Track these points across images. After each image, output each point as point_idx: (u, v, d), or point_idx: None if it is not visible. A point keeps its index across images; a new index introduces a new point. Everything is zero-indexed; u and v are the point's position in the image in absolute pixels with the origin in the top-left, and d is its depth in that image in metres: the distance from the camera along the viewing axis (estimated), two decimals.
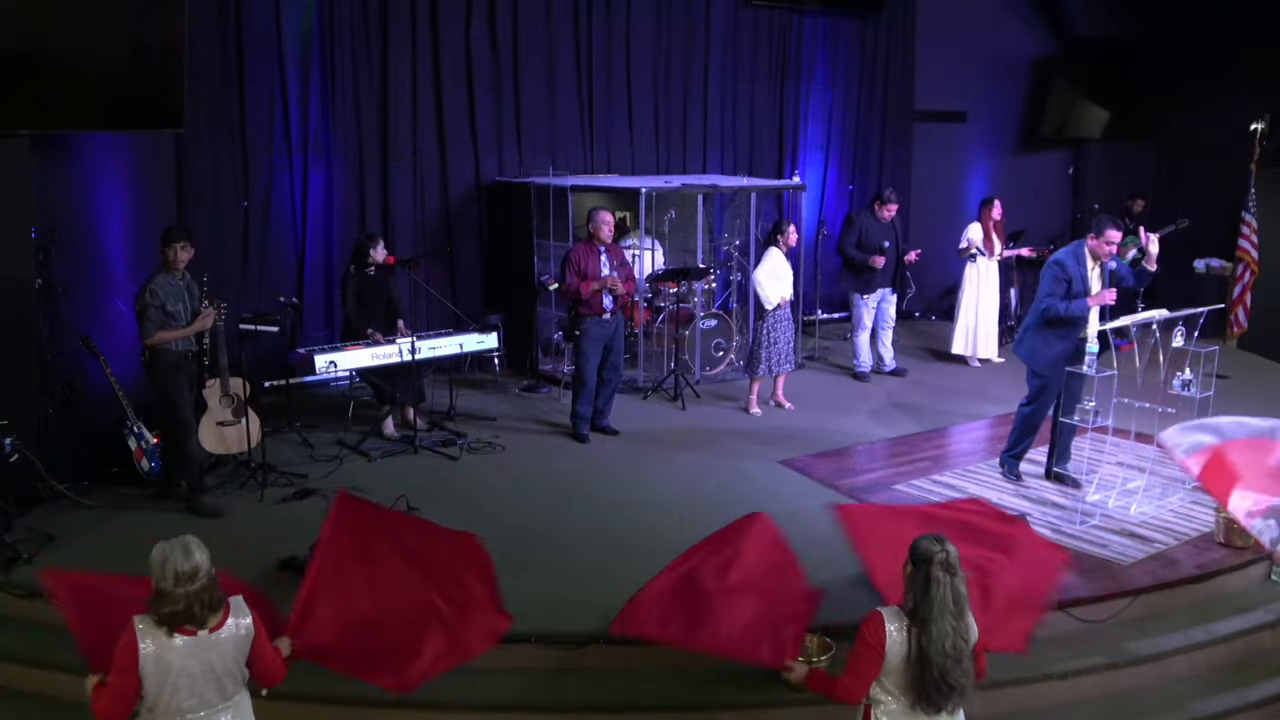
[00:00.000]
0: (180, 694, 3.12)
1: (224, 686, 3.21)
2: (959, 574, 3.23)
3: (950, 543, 3.29)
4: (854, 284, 9.33)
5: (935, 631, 3.18)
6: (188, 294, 6.09)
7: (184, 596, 3.08)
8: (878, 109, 11.90)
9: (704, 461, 7.06)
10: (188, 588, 3.08)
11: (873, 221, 9.23)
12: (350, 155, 8.83)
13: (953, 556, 3.24)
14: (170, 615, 3.09)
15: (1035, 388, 6.48)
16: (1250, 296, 10.45)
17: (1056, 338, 6.28)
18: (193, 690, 3.14)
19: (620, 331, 7.67)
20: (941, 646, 3.18)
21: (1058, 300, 6.16)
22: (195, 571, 3.10)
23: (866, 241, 9.15)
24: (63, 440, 6.36)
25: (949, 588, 3.20)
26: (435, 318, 8.98)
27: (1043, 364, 6.36)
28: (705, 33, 10.55)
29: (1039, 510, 6.19)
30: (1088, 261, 6.22)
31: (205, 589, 3.12)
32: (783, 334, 8.05)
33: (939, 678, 3.19)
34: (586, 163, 9.97)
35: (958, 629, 3.20)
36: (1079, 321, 6.21)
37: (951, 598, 3.20)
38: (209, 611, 3.14)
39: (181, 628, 3.11)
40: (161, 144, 7.53)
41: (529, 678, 4.63)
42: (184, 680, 3.12)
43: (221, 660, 3.18)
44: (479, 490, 6.50)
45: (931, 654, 3.18)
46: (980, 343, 9.81)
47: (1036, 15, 12.03)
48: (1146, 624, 5.14)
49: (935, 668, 3.19)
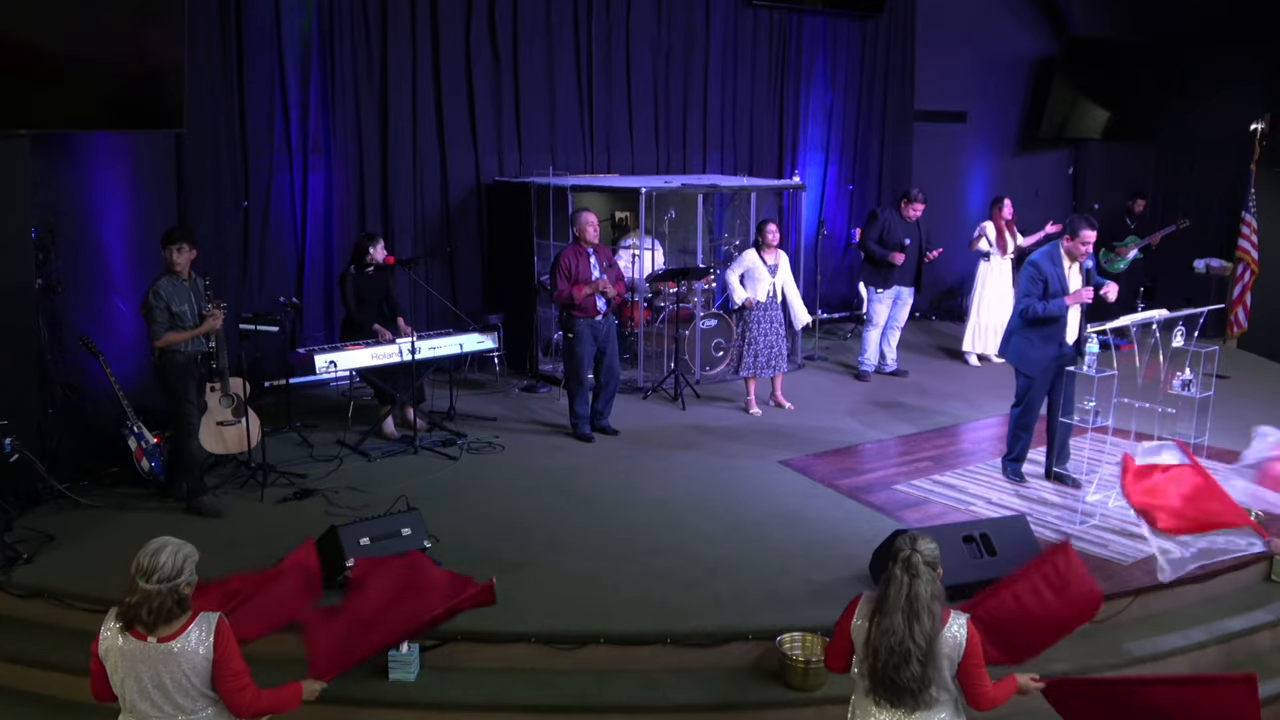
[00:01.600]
0: (133, 695, 3.12)
1: (177, 701, 3.12)
2: (921, 576, 3.24)
3: (926, 543, 3.31)
4: (870, 277, 9.35)
5: (885, 625, 3.25)
6: (194, 295, 6.07)
7: (137, 592, 3.06)
8: (878, 109, 11.91)
9: (704, 461, 7.06)
10: (141, 584, 3.06)
11: (897, 219, 9.26)
12: (350, 155, 8.83)
13: (916, 558, 3.26)
14: (123, 608, 3.09)
15: (1022, 388, 6.52)
16: (1250, 296, 10.44)
17: (1041, 339, 6.31)
18: (143, 695, 3.11)
19: (613, 333, 7.66)
20: (888, 642, 3.23)
21: (1035, 300, 6.22)
22: (152, 571, 3.06)
23: (888, 238, 9.16)
24: (63, 440, 6.37)
25: (904, 587, 3.24)
26: (435, 318, 8.98)
27: (1030, 365, 6.39)
28: (705, 33, 10.55)
29: (1039, 510, 6.19)
30: (1064, 261, 6.26)
31: (157, 595, 3.05)
32: (762, 335, 8.03)
33: (882, 671, 3.25)
34: (586, 163, 9.97)
35: (909, 630, 3.21)
36: (1060, 321, 6.24)
37: (905, 596, 3.23)
38: (157, 620, 3.06)
39: (132, 628, 3.09)
40: (161, 144, 7.53)
41: (529, 678, 4.63)
42: (132, 683, 3.10)
43: (171, 674, 3.09)
44: (479, 490, 6.50)
45: (879, 645, 3.26)
46: (989, 340, 9.79)
47: (1036, 15, 12.04)
48: (1146, 624, 5.14)
49: (880, 659, 3.25)
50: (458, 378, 8.50)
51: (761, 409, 8.22)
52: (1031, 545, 5.14)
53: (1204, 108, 11.53)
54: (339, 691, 4.49)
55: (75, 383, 6.54)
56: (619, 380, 7.87)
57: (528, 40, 9.48)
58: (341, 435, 7.40)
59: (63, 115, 6.12)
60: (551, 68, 9.67)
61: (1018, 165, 12.31)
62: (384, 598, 4.02)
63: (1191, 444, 5.92)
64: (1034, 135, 12.13)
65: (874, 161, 12.01)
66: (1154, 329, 6.24)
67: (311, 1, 8.44)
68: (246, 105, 8.26)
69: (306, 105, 8.56)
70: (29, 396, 6.08)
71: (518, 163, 9.57)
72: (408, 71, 8.96)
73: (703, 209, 9.31)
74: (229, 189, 8.27)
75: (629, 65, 10.11)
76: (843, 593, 5.00)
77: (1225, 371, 8.76)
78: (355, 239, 7.78)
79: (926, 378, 9.46)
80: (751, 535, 5.79)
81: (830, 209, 11.66)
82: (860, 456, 7.31)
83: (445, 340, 7.56)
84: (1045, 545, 5.39)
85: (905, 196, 9.35)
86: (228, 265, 8.29)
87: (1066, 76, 11.73)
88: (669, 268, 9.07)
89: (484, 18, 9.26)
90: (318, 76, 8.58)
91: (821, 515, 6.13)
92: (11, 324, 5.98)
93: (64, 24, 5.86)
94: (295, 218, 8.69)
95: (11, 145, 5.91)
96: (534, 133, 9.65)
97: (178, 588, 3.08)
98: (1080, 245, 6.22)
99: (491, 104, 9.41)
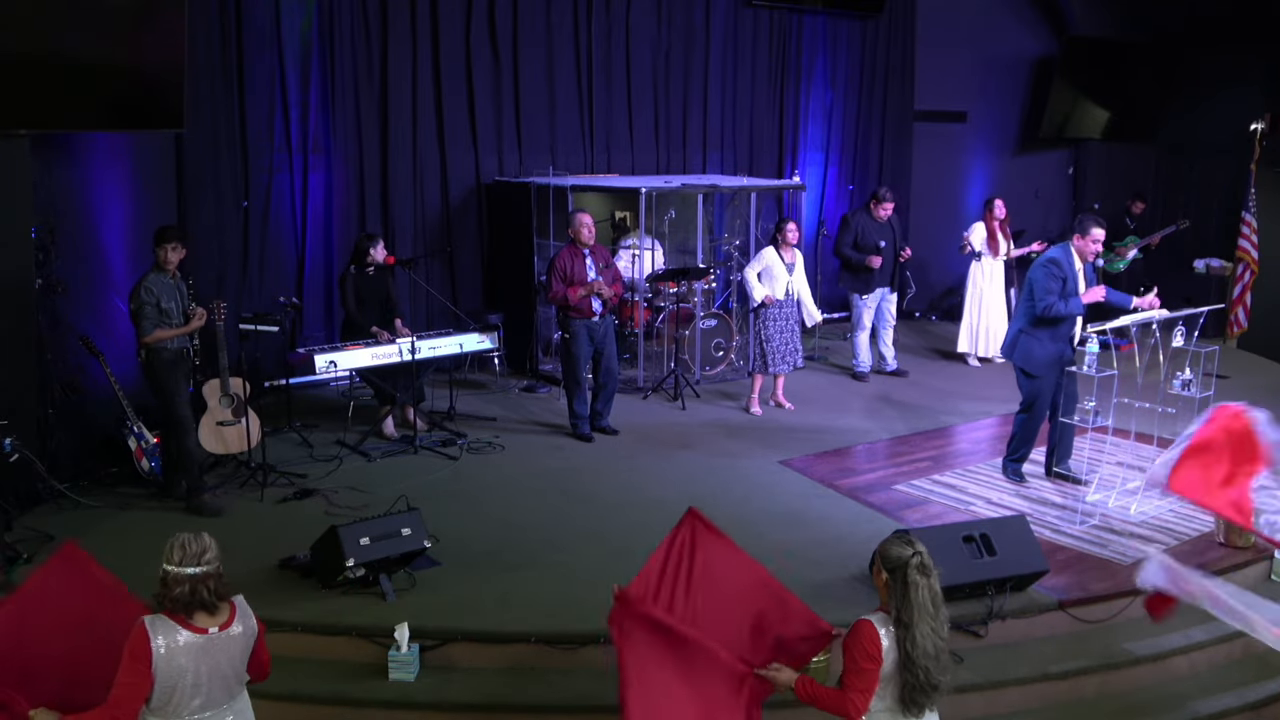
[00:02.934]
0: (187, 695, 3.10)
1: (230, 687, 3.20)
2: (934, 573, 3.23)
3: (919, 542, 3.29)
4: (852, 284, 9.34)
5: (918, 635, 3.18)
6: (179, 293, 6.12)
7: (189, 579, 3.07)
8: (878, 109, 11.90)
9: (704, 461, 7.06)
10: (194, 568, 3.07)
11: (869, 221, 9.23)
12: (350, 155, 8.83)
13: (925, 557, 3.24)
14: (176, 600, 3.07)
15: (1028, 391, 6.46)
16: (1250, 296, 10.45)
17: (1050, 338, 6.29)
18: (198, 690, 3.12)
19: (611, 333, 7.67)
20: (925, 649, 3.18)
21: (1056, 299, 6.17)
22: (202, 552, 3.09)
23: (863, 241, 9.14)
24: (63, 440, 6.36)
25: (926, 589, 3.20)
26: (435, 318, 8.98)
27: (1037, 365, 6.35)
28: (705, 33, 10.55)
29: (1039, 510, 6.19)
30: (1075, 261, 6.26)
31: (212, 575, 3.11)
32: (779, 333, 8.04)
33: (923, 680, 3.19)
34: (586, 163, 9.97)
35: (936, 629, 3.21)
36: (1070, 320, 6.24)
37: (929, 598, 3.20)
38: (218, 598, 3.12)
39: (191, 624, 3.08)
40: (161, 144, 7.53)
41: (529, 677, 4.63)
42: (190, 680, 3.09)
43: (230, 660, 3.17)
44: (479, 490, 6.50)
45: (916, 656, 3.18)
46: (984, 342, 9.82)
47: (1036, 15, 12.04)
48: (1146, 624, 5.12)
49: (919, 669, 3.19)
50: (457, 378, 8.50)
51: (762, 409, 8.23)
52: (1031, 545, 5.14)
53: (1204, 108, 11.53)
54: (340, 691, 4.50)
55: (75, 383, 6.54)
56: (618, 380, 7.87)
57: (528, 40, 9.48)
58: (341, 435, 7.40)
59: (63, 115, 6.12)
60: (551, 68, 9.66)
61: (1018, 165, 12.31)
62: None
63: None
64: (1034, 135, 12.13)
65: (874, 162, 12.00)
66: (1154, 329, 6.24)
67: (311, 1, 8.43)
68: (246, 105, 8.25)
69: (306, 105, 8.55)
70: (29, 396, 6.08)
71: (518, 163, 9.57)
72: (408, 71, 8.96)
73: (703, 209, 9.30)
74: (229, 189, 8.26)
75: (629, 65, 10.10)
76: (843, 593, 5.02)
77: (1225, 371, 8.77)
78: (355, 239, 7.78)
79: (926, 378, 9.46)
80: (751, 535, 5.77)
81: (830, 209, 11.65)
82: (860, 456, 7.31)
83: (445, 340, 7.56)
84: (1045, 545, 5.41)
85: (874, 197, 9.32)
86: (228, 265, 8.28)
87: (1066, 76, 11.73)
88: (669, 268, 9.07)
89: (484, 18, 9.26)
90: (318, 76, 8.57)
91: (821, 515, 6.13)
92: (11, 324, 5.98)
93: (64, 24, 5.85)
94: (295, 218, 8.69)
95: (11, 145, 5.91)
96: (534, 133, 9.64)
97: (220, 565, 3.15)
98: (1091, 244, 6.21)
99: (491, 104, 9.41)
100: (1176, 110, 11.90)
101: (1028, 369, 6.42)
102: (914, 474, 6.85)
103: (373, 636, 4.67)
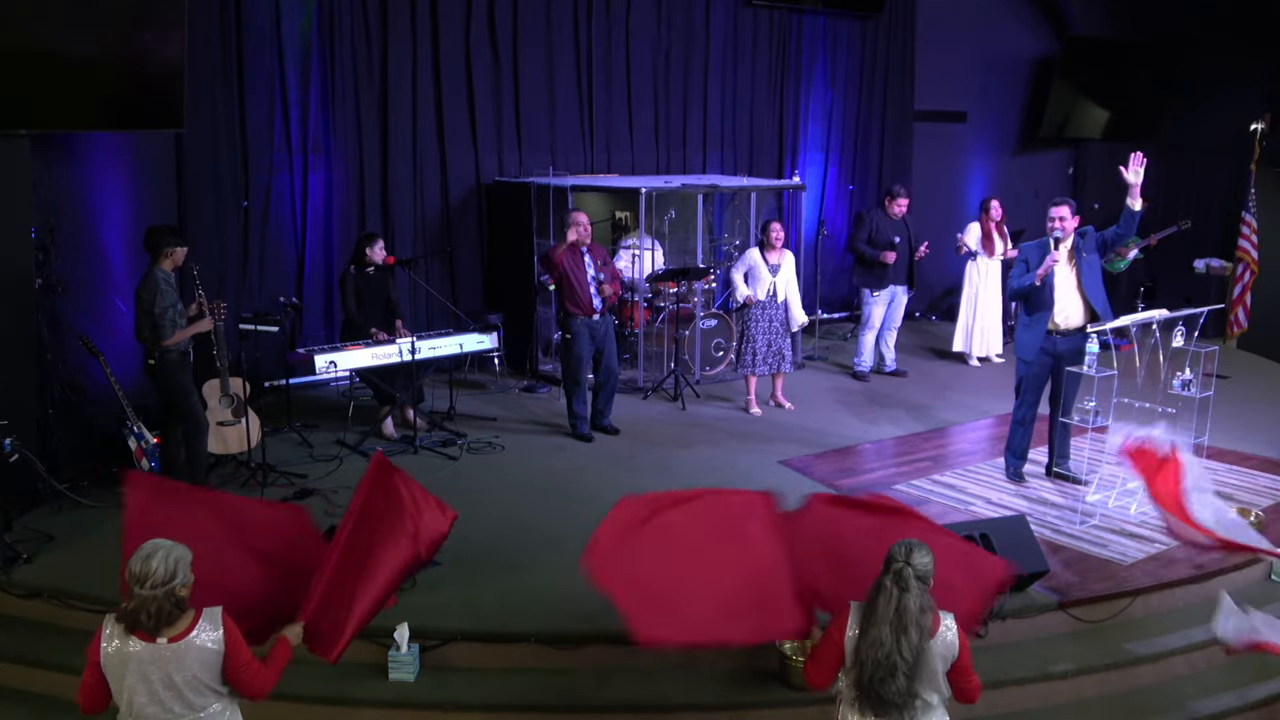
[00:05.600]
0: (140, 699, 3.09)
1: (187, 699, 3.13)
2: (911, 590, 3.15)
3: (921, 555, 3.20)
4: (865, 279, 9.34)
5: (870, 636, 3.17)
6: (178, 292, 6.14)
7: (135, 598, 3.05)
8: (878, 109, 11.91)
9: (704, 461, 7.06)
10: (136, 590, 3.05)
11: (883, 218, 9.25)
12: (350, 155, 8.83)
13: (907, 571, 3.16)
14: (125, 613, 3.08)
15: (1017, 377, 6.59)
16: (1250, 296, 10.45)
17: (1033, 321, 6.40)
18: (152, 698, 3.09)
19: (611, 332, 7.67)
20: (874, 654, 3.15)
21: (1014, 278, 6.44)
22: (145, 578, 3.04)
23: (877, 238, 9.16)
24: (63, 440, 6.36)
25: (894, 600, 3.15)
26: (435, 318, 8.98)
27: (1024, 350, 6.47)
28: (705, 33, 10.55)
29: (1039, 510, 6.19)
30: (1050, 245, 6.35)
31: (154, 600, 3.04)
32: (761, 333, 8.04)
33: (868, 683, 3.17)
34: (586, 163, 9.97)
35: (896, 644, 3.13)
36: (1046, 304, 6.31)
37: (894, 609, 3.14)
38: (158, 624, 3.06)
39: (137, 631, 3.07)
40: (161, 144, 7.53)
41: (529, 677, 4.64)
42: (142, 686, 3.08)
43: (182, 673, 3.09)
44: (479, 490, 6.49)
45: (864, 657, 3.18)
46: (981, 341, 9.83)
47: (1036, 15, 12.04)
48: (1146, 624, 5.14)
49: (866, 672, 3.18)
50: (457, 378, 8.50)
51: (762, 409, 8.23)
52: (1032, 545, 5.14)
53: (1204, 108, 11.52)
54: (339, 691, 4.50)
55: (75, 383, 6.54)
56: (618, 379, 7.87)
57: (528, 40, 9.48)
58: (341, 435, 7.40)
59: (63, 115, 6.11)
60: (551, 68, 9.67)
61: (1018, 165, 12.31)
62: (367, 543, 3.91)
63: (1191, 444, 5.90)
64: (1034, 135, 12.13)
65: (874, 161, 12.00)
66: (1154, 329, 6.24)
67: (311, 1, 8.44)
68: (246, 105, 8.25)
69: (306, 105, 8.56)
70: (29, 396, 6.08)
71: (518, 163, 9.57)
72: (408, 71, 8.96)
73: (703, 209, 9.30)
74: (229, 189, 8.27)
75: (629, 65, 10.11)
76: None
77: (1225, 371, 8.76)
78: (355, 239, 7.78)
79: (926, 377, 9.46)
80: None
81: (830, 209, 11.65)
82: (860, 456, 7.31)
83: (445, 340, 7.57)
84: (1045, 545, 5.41)
85: (889, 194, 9.35)
86: (228, 265, 8.28)
87: (1066, 76, 11.73)
88: (669, 268, 9.07)
89: (484, 18, 9.26)
90: (318, 76, 8.58)
91: None
92: (11, 324, 5.98)
93: (64, 24, 5.86)
94: (295, 218, 8.69)
95: (11, 145, 5.91)
96: (534, 133, 9.65)
97: (173, 590, 3.07)
98: (1049, 222, 6.38)
99: (491, 104, 9.41)
100: (1176, 110, 11.90)
101: (1017, 354, 6.59)
102: (914, 474, 6.85)
103: (373, 636, 4.65)
